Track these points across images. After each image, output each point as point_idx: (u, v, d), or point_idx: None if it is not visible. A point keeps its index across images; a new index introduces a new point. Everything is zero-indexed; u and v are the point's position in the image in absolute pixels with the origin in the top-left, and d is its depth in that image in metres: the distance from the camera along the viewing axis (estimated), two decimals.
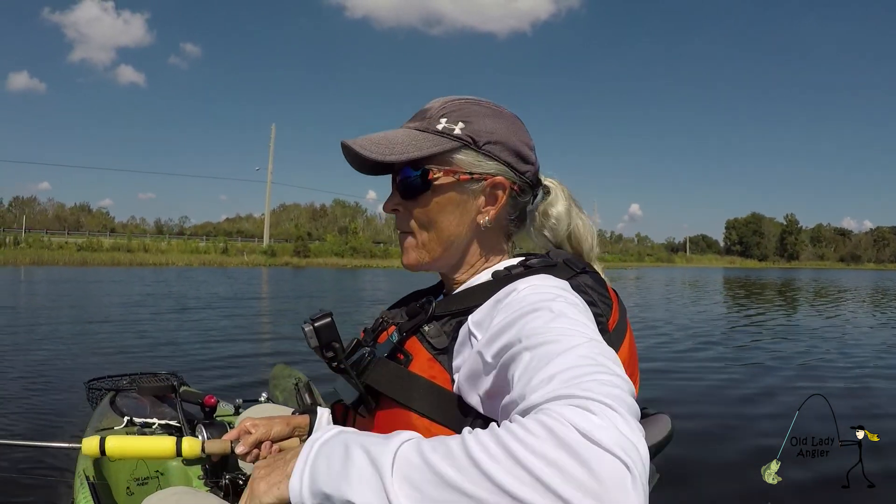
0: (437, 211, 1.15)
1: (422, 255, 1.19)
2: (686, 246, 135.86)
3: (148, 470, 2.52)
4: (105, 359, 7.61)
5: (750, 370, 6.96)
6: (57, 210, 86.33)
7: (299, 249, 57.75)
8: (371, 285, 27.67)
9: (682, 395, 5.91)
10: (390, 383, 1.10)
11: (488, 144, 1.13)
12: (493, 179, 1.14)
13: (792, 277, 49.10)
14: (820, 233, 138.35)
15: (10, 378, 6.34)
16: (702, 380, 6.55)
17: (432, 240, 1.17)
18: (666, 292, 26.27)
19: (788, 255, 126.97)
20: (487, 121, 1.15)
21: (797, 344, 9.27)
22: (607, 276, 1.20)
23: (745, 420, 4.96)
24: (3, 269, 32.30)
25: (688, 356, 8.25)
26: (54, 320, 11.52)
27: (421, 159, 1.11)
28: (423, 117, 1.17)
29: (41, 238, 51.31)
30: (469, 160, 1.13)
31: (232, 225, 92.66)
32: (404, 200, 1.17)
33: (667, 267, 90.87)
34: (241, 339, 9.39)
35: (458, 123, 1.13)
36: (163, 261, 45.43)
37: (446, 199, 1.14)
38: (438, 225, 1.16)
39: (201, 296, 18.31)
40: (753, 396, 5.76)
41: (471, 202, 1.15)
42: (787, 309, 17.46)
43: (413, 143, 1.12)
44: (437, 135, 1.13)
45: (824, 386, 6.21)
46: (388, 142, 1.12)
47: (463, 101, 1.18)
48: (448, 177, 1.12)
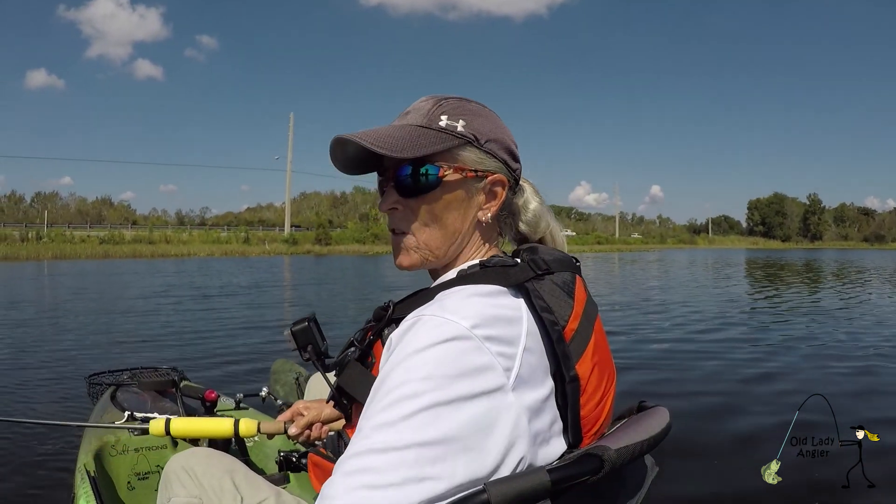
0: (443, 208, 1.13)
1: (424, 255, 1.16)
2: (708, 227, 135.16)
3: (149, 465, 2.54)
4: (109, 353, 7.71)
5: (751, 369, 6.88)
6: (79, 204, 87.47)
7: (321, 237, 57.93)
8: (392, 272, 27.77)
9: (680, 390, 5.89)
10: (355, 385, 1.17)
11: (489, 142, 1.14)
12: (494, 177, 1.14)
13: (814, 258, 48.54)
14: (843, 212, 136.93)
15: (16, 374, 6.41)
16: (702, 378, 6.48)
17: (435, 238, 1.15)
18: (680, 276, 26.11)
19: (812, 235, 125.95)
20: (483, 120, 1.15)
21: (804, 337, 9.09)
22: (629, 259, 1.18)
23: (745, 420, 4.94)
24: (25, 263, 32.80)
25: (688, 349, 8.16)
26: (67, 314, 11.67)
27: (426, 157, 1.10)
28: (417, 114, 1.14)
29: (63, 232, 51.75)
30: (473, 157, 1.13)
31: (253, 214, 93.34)
32: (404, 198, 1.14)
33: (689, 248, 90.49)
34: (245, 333, 9.39)
35: (459, 121, 1.13)
36: (184, 252, 45.85)
37: (453, 196, 1.13)
38: (444, 222, 1.14)
39: (216, 287, 18.38)
40: (753, 396, 5.72)
41: (474, 199, 1.15)
42: (803, 294, 17.15)
43: (419, 139, 1.09)
44: (441, 132, 1.11)
45: (824, 386, 6.13)
46: (392, 138, 1.09)
47: (456, 99, 1.17)
48: (456, 174, 1.12)
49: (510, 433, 0.92)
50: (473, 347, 0.91)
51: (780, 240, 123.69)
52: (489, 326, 0.95)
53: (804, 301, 15.26)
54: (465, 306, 0.97)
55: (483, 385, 0.90)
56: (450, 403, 0.87)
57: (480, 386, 0.90)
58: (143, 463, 2.53)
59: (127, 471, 2.48)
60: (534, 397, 0.97)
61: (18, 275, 24.36)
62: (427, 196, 1.12)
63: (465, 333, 0.92)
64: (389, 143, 1.07)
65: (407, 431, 0.85)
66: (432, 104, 1.15)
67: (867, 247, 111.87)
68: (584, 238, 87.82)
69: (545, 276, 1.09)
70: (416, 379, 0.88)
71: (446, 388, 0.88)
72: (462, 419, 0.87)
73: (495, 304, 1.00)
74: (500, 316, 0.98)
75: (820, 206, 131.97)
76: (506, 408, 0.92)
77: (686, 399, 5.52)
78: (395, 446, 0.84)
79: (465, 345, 0.91)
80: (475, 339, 0.92)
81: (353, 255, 50.16)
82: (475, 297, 1.01)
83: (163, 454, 2.59)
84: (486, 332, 0.94)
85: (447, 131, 1.11)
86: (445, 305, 0.97)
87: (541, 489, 0.90)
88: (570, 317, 1.06)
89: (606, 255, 49.83)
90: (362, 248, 56.64)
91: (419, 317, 0.97)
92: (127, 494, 2.40)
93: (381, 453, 0.84)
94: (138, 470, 2.50)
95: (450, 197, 1.13)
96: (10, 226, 54.85)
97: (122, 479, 2.44)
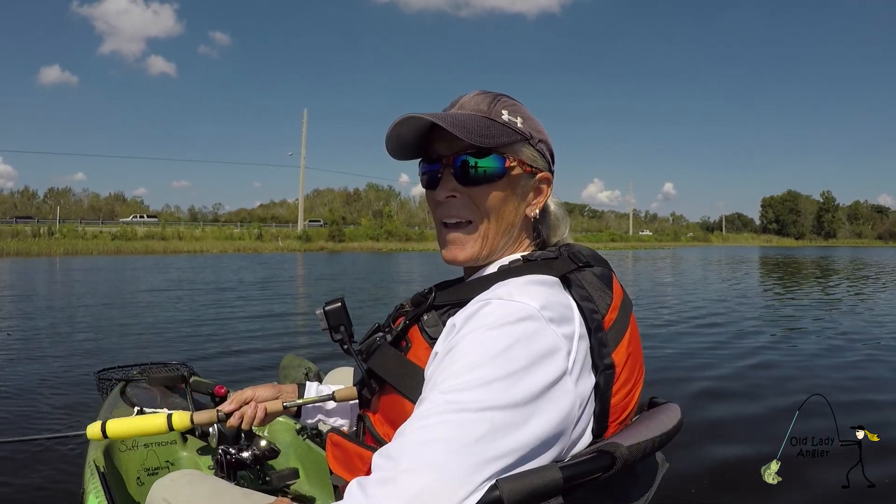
0: (503, 200, 1.15)
1: (482, 247, 1.17)
2: (722, 225, 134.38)
3: (158, 460, 2.56)
4: (118, 348, 7.73)
5: (752, 367, 6.86)
6: (92, 200, 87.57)
7: (334, 234, 57.97)
8: (406, 268, 27.73)
9: (679, 389, 5.86)
10: (389, 369, 1.16)
11: (541, 142, 1.18)
12: (543, 174, 1.19)
13: (827, 256, 48.14)
14: (857, 210, 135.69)
15: (22, 371, 6.43)
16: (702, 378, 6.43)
17: (494, 229, 1.16)
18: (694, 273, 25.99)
19: (825, 233, 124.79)
20: (533, 121, 1.19)
21: (807, 337, 9.03)
22: (643, 256, 1.20)
23: (745, 419, 4.93)
24: (37, 259, 32.88)
25: (692, 347, 8.11)
26: (74, 309, 11.74)
27: (493, 147, 1.12)
28: (481, 107, 1.16)
29: (75, 228, 51.84)
30: (529, 154, 1.16)
31: (266, 211, 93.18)
32: (464, 187, 1.14)
33: (703, 246, 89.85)
34: (255, 329, 9.41)
35: (518, 118, 1.16)
36: (197, 248, 46.03)
37: (512, 188, 1.15)
38: (502, 214, 1.16)
39: (225, 284, 18.43)
40: (754, 395, 5.69)
41: (527, 194, 1.19)
42: (810, 292, 16.99)
43: (489, 129, 1.11)
44: (505, 126, 1.14)
45: (826, 385, 6.11)
46: (465, 124, 1.10)
47: (510, 97, 1.20)
48: (518, 167, 1.15)
49: (565, 418, 0.95)
50: (543, 328, 0.96)
51: (793, 237, 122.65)
52: (553, 310, 0.99)
53: (809, 299, 15.16)
54: (528, 291, 1.01)
55: (552, 368, 0.94)
56: (522, 376, 0.91)
57: (549, 367, 0.94)
58: (153, 458, 2.55)
59: (136, 466, 2.49)
60: (585, 386, 1.01)
61: (28, 270, 24.52)
62: (490, 185, 1.14)
63: (535, 314, 0.96)
64: (465, 128, 1.09)
65: (483, 394, 0.89)
66: (491, 99, 1.17)
67: (881, 244, 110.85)
68: (598, 235, 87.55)
69: (585, 268, 1.12)
70: (491, 351, 0.92)
71: (519, 363, 0.91)
72: (531, 392, 0.91)
73: (553, 292, 1.04)
74: (560, 302, 1.02)
75: (834, 203, 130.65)
76: (565, 392, 0.95)
77: (686, 398, 5.48)
78: (469, 408, 0.88)
79: (536, 325, 0.95)
80: (544, 321, 0.96)
81: (367, 251, 50.18)
82: (535, 285, 1.04)
83: (172, 449, 2.61)
84: (552, 315, 0.98)
85: (510, 126, 1.14)
86: (511, 290, 1.01)
87: (553, 486, 0.92)
88: (610, 307, 1.08)
89: (621, 253, 49.74)
90: (376, 245, 56.72)
91: (487, 301, 1.00)
92: (136, 490, 2.42)
93: (456, 413, 0.88)
94: (148, 465, 2.52)
95: (510, 189, 1.15)
96: (21, 221, 55.07)
97: (131, 474, 2.46)
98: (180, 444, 2.63)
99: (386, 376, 1.16)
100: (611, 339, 1.05)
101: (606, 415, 1.05)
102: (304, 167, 70.49)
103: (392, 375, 1.15)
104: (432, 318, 1.15)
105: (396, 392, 1.12)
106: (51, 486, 3.48)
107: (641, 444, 1.04)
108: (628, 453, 0.99)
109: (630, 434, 1.07)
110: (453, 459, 0.85)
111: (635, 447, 1.02)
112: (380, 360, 1.20)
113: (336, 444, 1.19)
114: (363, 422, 1.25)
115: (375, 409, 1.22)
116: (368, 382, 1.23)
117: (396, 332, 1.22)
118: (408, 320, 1.21)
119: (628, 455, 0.99)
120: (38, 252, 37.48)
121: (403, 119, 1.11)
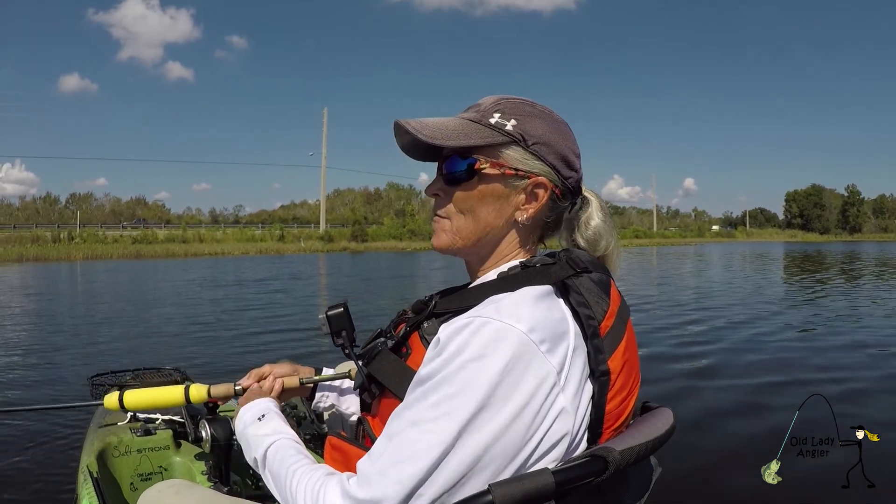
0: (477, 200, 1.18)
1: (454, 240, 1.21)
2: (745, 220, 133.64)
3: (151, 465, 2.55)
4: (115, 352, 7.85)
5: (754, 367, 6.88)
6: (113, 205, 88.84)
7: (357, 234, 58.16)
8: (427, 266, 27.81)
9: (679, 389, 5.89)
10: (388, 375, 1.19)
11: (536, 144, 1.17)
12: (536, 179, 1.17)
13: (852, 251, 47.83)
14: (883, 204, 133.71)
15: (22, 372, 6.55)
16: (701, 377, 6.48)
17: (467, 227, 1.20)
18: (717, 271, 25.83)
19: (851, 227, 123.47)
20: (539, 122, 1.18)
21: (805, 337, 9.05)
22: (670, 252, 1.17)
23: (745, 419, 4.95)
24: (57, 264, 33.32)
25: (692, 348, 8.10)
26: (80, 314, 11.95)
27: (470, 148, 1.15)
28: (476, 110, 1.20)
29: (95, 232, 52.36)
30: (516, 156, 1.16)
31: (287, 212, 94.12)
32: (447, 186, 1.20)
33: (728, 242, 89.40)
34: (253, 333, 9.46)
35: (511, 120, 1.17)
36: (218, 250, 46.03)
37: (489, 190, 1.17)
38: (476, 213, 1.19)
39: (236, 286, 18.58)
40: (755, 395, 5.71)
41: (512, 197, 1.18)
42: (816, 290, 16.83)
43: (464, 132, 1.15)
44: (489, 128, 1.16)
45: (826, 385, 6.09)
46: (441, 127, 1.16)
47: (518, 100, 1.21)
48: (494, 169, 1.16)
49: (557, 432, 0.99)
50: (531, 355, 0.97)
51: (818, 232, 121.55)
52: (544, 329, 1.00)
53: (814, 297, 15.17)
54: (518, 312, 1.01)
55: (539, 394, 0.97)
56: (505, 411, 0.95)
57: (536, 395, 0.96)
58: (146, 464, 2.54)
59: (130, 472, 2.49)
60: (579, 397, 1.03)
61: (47, 275, 24.86)
62: (463, 185, 1.18)
63: (523, 339, 0.97)
64: (433, 131, 1.15)
65: (453, 429, 0.94)
66: (492, 102, 1.20)
67: None
68: (622, 232, 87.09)
69: (583, 273, 1.13)
70: (474, 384, 0.95)
71: (503, 396, 0.95)
72: (513, 424, 0.95)
73: (547, 306, 1.05)
74: (552, 318, 1.03)
75: (859, 197, 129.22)
76: (556, 410, 0.99)
77: (686, 398, 5.56)
78: (440, 444, 0.93)
79: (522, 350, 0.97)
80: (533, 346, 0.97)
81: (389, 251, 50.33)
82: (527, 304, 1.04)
83: (165, 455, 2.60)
84: (542, 336, 0.99)
85: (494, 128, 1.16)
86: (501, 308, 1.02)
87: (545, 490, 0.94)
88: (606, 314, 1.10)
89: (646, 249, 49.79)
90: (399, 245, 56.71)
91: (475, 318, 1.01)
92: (130, 495, 2.41)
93: (427, 450, 0.93)
94: (141, 471, 2.52)
95: (485, 190, 1.17)
96: (42, 226, 55.69)
97: (125, 479, 2.46)
98: (174, 450, 2.61)
99: (385, 381, 1.19)
100: (606, 346, 1.07)
101: (601, 422, 1.08)
102: (326, 167, 70.74)
103: (391, 381, 1.17)
104: (432, 325, 1.18)
105: (395, 398, 1.13)
106: (44, 491, 3.50)
107: (634, 449, 1.05)
108: (620, 458, 1.01)
109: (623, 439, 1.09)
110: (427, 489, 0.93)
111: (628, 451, 1.03)
112: (380, 366, 1.22)
113: (335, 446, 1.23)
114: (362, 425, 1.28)
115: (375, 413, 1.24)
116: (369, 387, 1.26)
117: (397, 338, 1.25)
118: (408, 327, 1.23)
119: (621, 459, 1.01)
120: (57, 257, 37.82)
121: (395, 126, 1.18)
